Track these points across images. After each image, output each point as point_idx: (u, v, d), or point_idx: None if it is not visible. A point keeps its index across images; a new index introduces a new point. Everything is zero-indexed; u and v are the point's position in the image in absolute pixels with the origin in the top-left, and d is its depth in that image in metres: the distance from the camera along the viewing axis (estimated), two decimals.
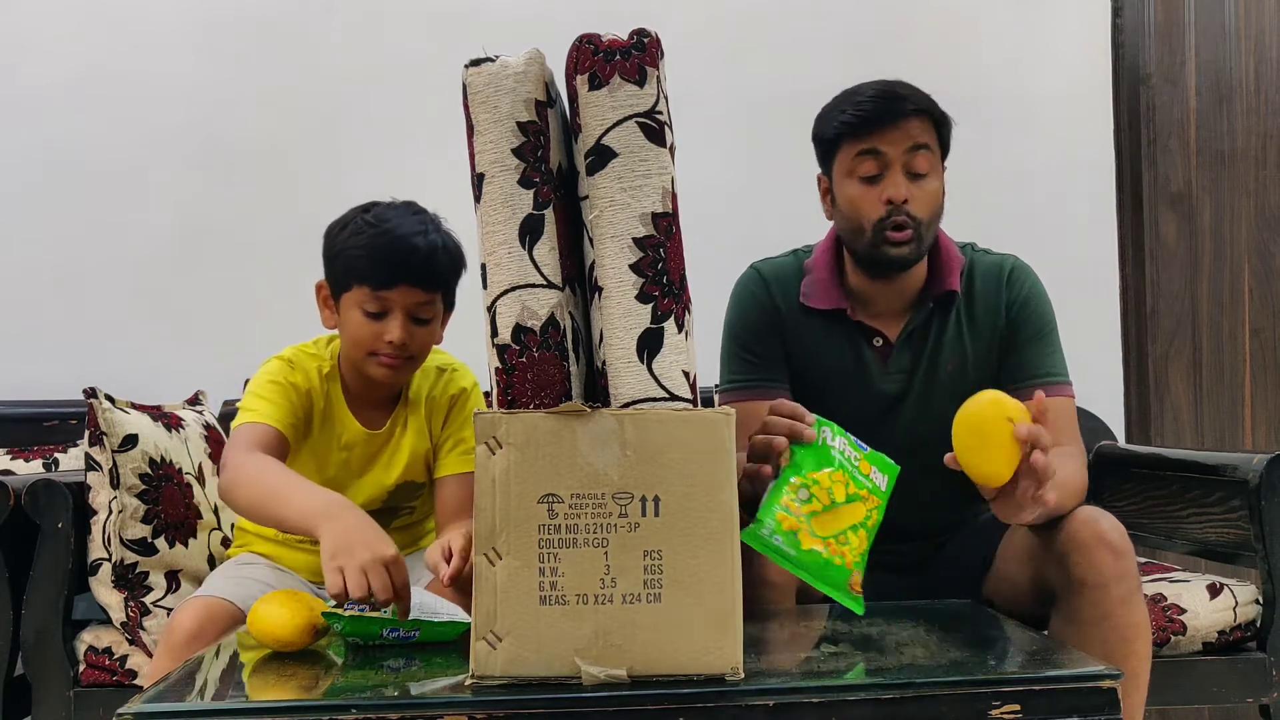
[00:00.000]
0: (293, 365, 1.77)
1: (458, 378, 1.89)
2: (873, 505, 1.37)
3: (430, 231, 1.72)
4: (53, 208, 2.72)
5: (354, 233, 1.71)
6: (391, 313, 1.70)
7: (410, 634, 1.33)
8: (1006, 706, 1.10)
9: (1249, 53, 2.97)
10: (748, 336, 1.83)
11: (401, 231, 1.69)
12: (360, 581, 1.34)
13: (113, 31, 2.74)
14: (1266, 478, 1.92)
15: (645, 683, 1.10)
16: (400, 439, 1.84)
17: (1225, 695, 1.93)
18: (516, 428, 1.12)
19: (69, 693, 1.92)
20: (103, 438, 1.96)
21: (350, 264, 1.70)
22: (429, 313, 1.74)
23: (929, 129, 1.73)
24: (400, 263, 1.68)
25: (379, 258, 1.68)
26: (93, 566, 1.96)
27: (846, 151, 1.74)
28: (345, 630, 1.33)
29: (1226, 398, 2.96)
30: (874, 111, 1.70)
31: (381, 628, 1.32)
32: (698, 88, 2.59)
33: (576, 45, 1.49)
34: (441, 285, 1.75)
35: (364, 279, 1.69)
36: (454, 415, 1.85)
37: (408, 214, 1.73)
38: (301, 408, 1.75)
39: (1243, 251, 2.97)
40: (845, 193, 1.75)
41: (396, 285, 1.69)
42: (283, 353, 1.80)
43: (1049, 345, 1.80)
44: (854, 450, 1.41)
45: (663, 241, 1.45)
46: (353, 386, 1.81)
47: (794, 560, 1.32)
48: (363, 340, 1.72)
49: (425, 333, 1.74)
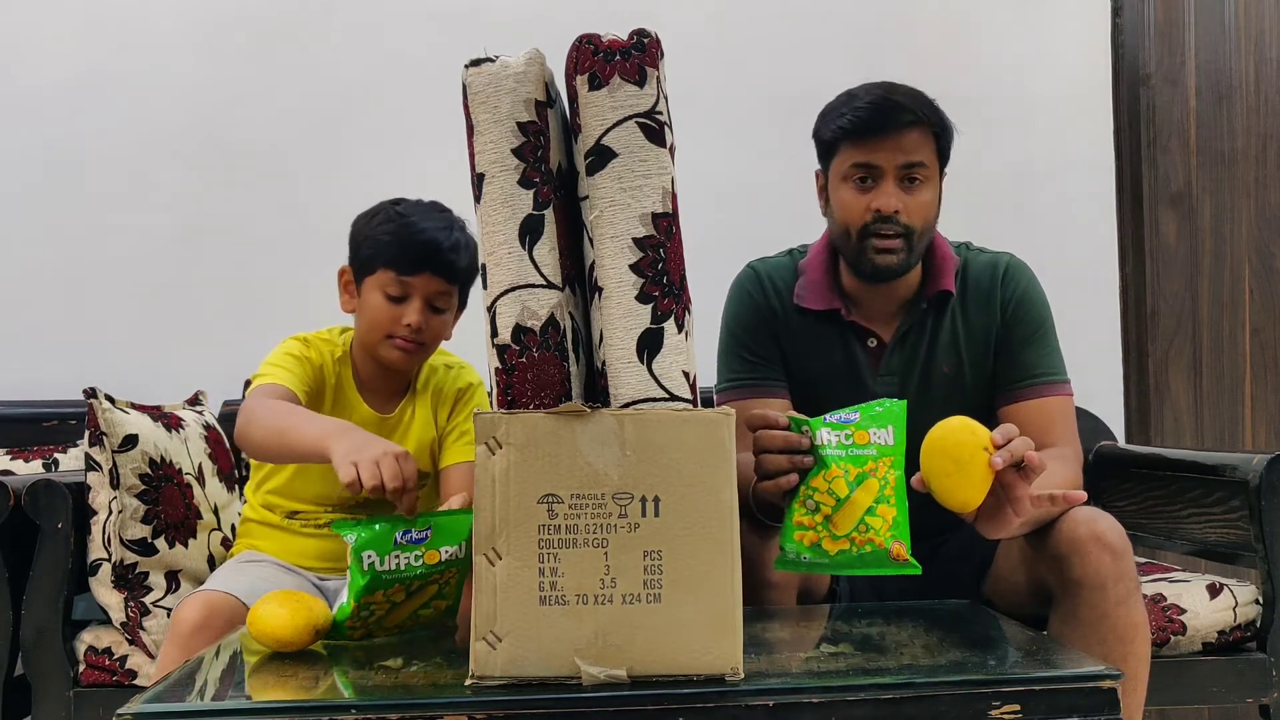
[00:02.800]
0: (308, 343, 1.86)
1: (465, 374, 1.97)
2: (885, 469, 1.34)
3: (455, 229, 1.84)
4: (53, 208, 2.72)
5: (384, 220, 1.82)
6: (411, 298, 1.80)
7: (423, 535, 1.33)
8: (1006, 706, 1.10)
9: (1249, 53, 2.97)
10: (745, 336, 1.83)
11: (431, 224, 1.81)
12: (373, 471, 1.41)
13: (113, 31, 2.74)
14: (1266, 478, 1.92)
15: (645, 683, 1.10)
16: (409, 426, 1.91)
17: (1225, 695, 1.92)
18: (516, 428, 1.12)
19: (69, 693, 1.92)
20: (103, 438, 1.96)
21: (378, 248, 1.81)
22: (445, 303, 1.84)
23: (927, 140, 1.73)
24: (426, 252, 1.79)
25: (406, 244, 1.79)
26: (93, 567, 1.96)
27: (842, 156, 1.74)
28: (357, 543, 1.32)
29: (1226, 398, 2.96)
30: (871, 121, 1.70)
31: (394, 531, 1.33)
32: (698, 88, 2.59)
33: (576, 45, 1.49)
34: (460, 279, 1.85)
35: (390, 263, 1.79)
36: (460, 408, 1.92)
37: (435, 211, 1.85)
38: (315, 381, 1.84)
39: (1243, 251, 2.97)
40: (838, 195, 1.76)
41: (420, 272, 1.79)
42: (298, 335, 1.88)
43: (1045, 345, 1.80)
44: (842, 430, 1.37)
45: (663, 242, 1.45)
46: (363, 373, 1.89)
47: (830, 565, 1.34)
48: (381, 322, 1.80)
49: (439, 322, 1.84)
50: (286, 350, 1.83)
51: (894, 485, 1.35)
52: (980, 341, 1.81)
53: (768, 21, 2.84)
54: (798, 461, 1.37)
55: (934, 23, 2.87)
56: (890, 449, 1.36)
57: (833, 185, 1.77)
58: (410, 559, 1.34)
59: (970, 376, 1.81)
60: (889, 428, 1.37)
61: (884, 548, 1.32)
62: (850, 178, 1.73)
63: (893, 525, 1.33)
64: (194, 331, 2.70)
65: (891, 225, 1.71)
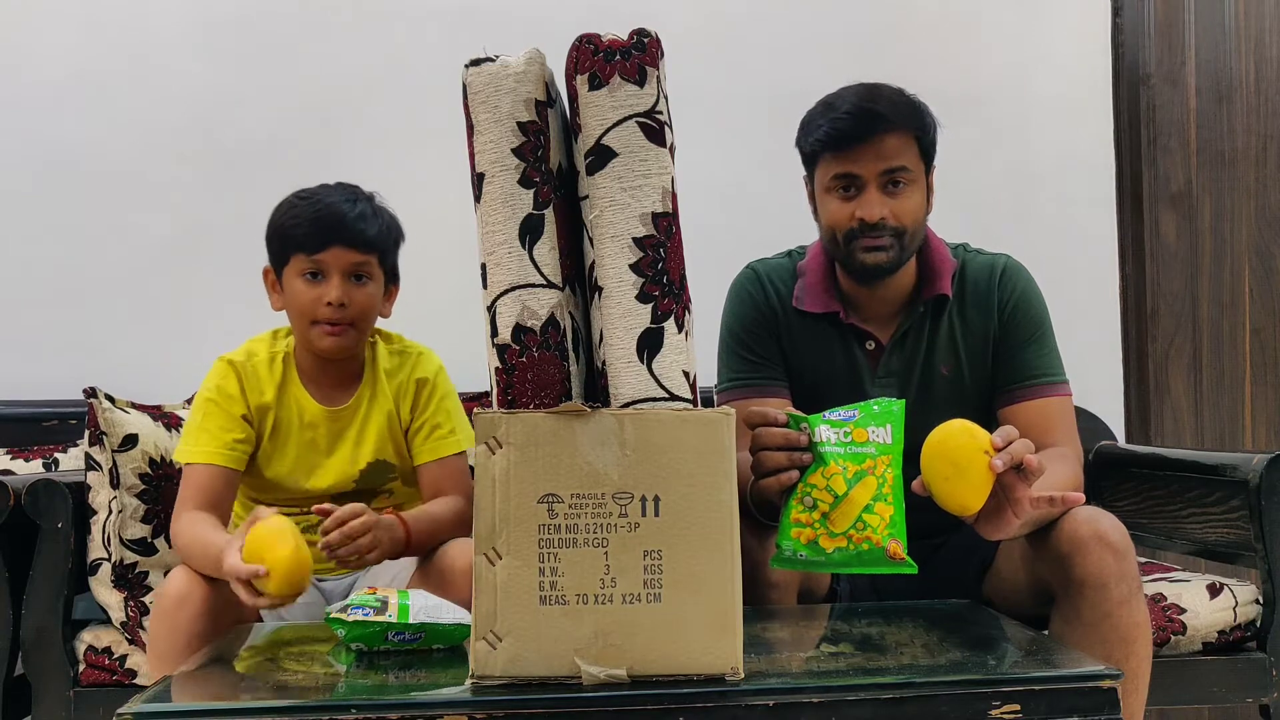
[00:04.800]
0: (232, 365, 1.84)
1: (423, 362, 1.92)
2: (883, 467, 1.35)
3: (360, 201, 1.81)
4: (52, 208, 2.71)
5: (287, 209, 1.82)
6: (328, 275, 1.78)
7: (415, 637, 1.33)
8: (1006, 706, 1.10)
9: (1249, 53, 2.97)
10: (745, 336, 1.83)
11: (331, 200, 1.79)
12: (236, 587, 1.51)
13: (113, 31, 2.73)
14: (1266, 478, 1.92)
15: (645, 683, 1.10)
16: (368, 416, 1.87)
17: (1225, 695, 1.92)
18: (516, 427, 1.12)
19: (69, 693, 1.92)
20: (103, 438, 1.96)
21: (285, 236, 1.80)
22: (366, 274, 1.80)
23: (908, 143, 1.72)
24: (330, 226, 1.77)
25: (310, 222, 1.78)
26: (92, 566, 1.96)
27: (824, 167, 1.74)
28: (348, 636, 1.33)
29: (1226, 398, 2.96)
30: (850, 130, 1.69)
31: (385, 631, 1.32)
32: (698, 87, 2.59)
33: (576, 45, 1.49)
34: (375, 247, 1.81)
35: (299, 246, 1.78)
36: (421, 400, 1.89)
37: (338, 190, 1.83)
38: (244, 410, 1.82)
39: (1243, 251, 2.97)
40: (824, 204, 1.77)
41: (329, 247, 1.77)
42: (233, 352, 1.87)
43: (1044, 345, 1.80)
44: (840, 428, 1.38)
45: (663, 241, 1.45)
46: (308, 367, 1.87)
47: (826, 563, 1.34)
48: (305, 308, 1.79)
49: (363, 295, 1.80)
50: (206, 395, 1.81)
51: (891, 484, 1.35)
52: (979, 343, 1.81)
53: (768, 21, 2.84)
54: (796, 459, 1.37)
55: (934, 23, 2.87)
56: (888, 447, 1.37)
57: (818, 194, 1.78)
58: None
59: (969, 378, 1.81)
60: (887, 426, 1.38)
61: (881, 546, 1.33)
62: (833, 188, 1.73)
63: (890, 524, 1.33)
64: (194, 331, 2.70)
65: (878, 231, 1.71)
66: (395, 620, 1.33)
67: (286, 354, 1.87)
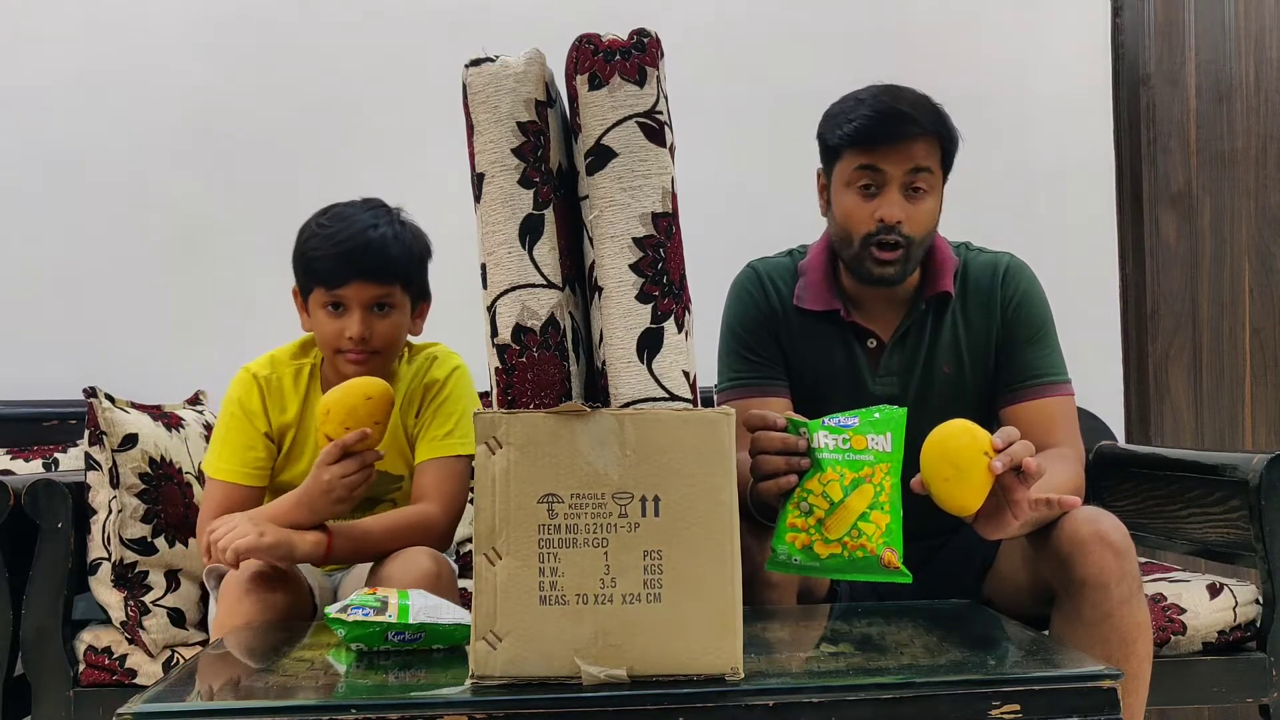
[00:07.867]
0: (256, 378, 1.83)
1: (436, 366, 1.89)
2: (881, 475, 1.34)
3: (381, 225, 1.77)
4: (52, 208, 2.71)
5: (309, 237, 1.79)
6: (349, 309, 1.76)
7: (415, 637, 1.33)
8: (1006, 706, 1.10)
9: (1249, 53, 2.97)
10: (746, 335, 1.83)
11: (351, 230, 1.75)
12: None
13: (113, 31, 2.73)
14: (1266, 478, 1.92)
15: (645, 683, 1.10)
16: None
17: (1225, 695, 1.92)
18: (516, 428, 1.12)
19: (69, 693, 1.92)
20: (103, 437, 1.96)
21: (307, 267, 1.78)
22: (389, 303, 1.78)
23: (934, 150, 1.72)
24: (350, 260, 1.74)
25: (329, 258, 1.75)
26: (92, 566, 1.96)
27: (847, 162, 1.73)
28: (348, 636, 1.33)
29: (1226, 398, 2.96)
30: (878, 130, 1.68)
31: (385, 631, 1.32)
32: (698, 87, 2.59)
33: (576, 45, 1.49)
34: (397, 277, 1.78)
35: (320, 280, 1.77)
36: (427, 403, 1.86)
37: (361, 211, 1.79)
38: (264, 430, 1.82)
39: (1243, 251, 2.97)
40: (841, 201, 1.75)
41: (349, 282, 1.75)
42: (258, 362, 1.86)
43: (1046, 345, 1.80)
44: (840, 434, 1.37)
45: (663, 241, 1.45)
46: (335, 383, 1.81)
47: (820, 569, 1.34)
48: (328, 338, 1.79)
49: (387, 325, 1.78)
50: (230, 412, 1.81)
51: (889, 492, 1.35)
52: (980, 342, 1.81)
53: (768, 21, 2.84)
54: (794, 463, 1.37)
55: (934, 23, 2.87)
56: (887, 455, 1.36)
57: (835, 189, 1.76)
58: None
59: (970, 377, 1.81)
60: (887, 434, 1.37)
61: (875, 554, 1.32)
62: (854, 184, 1.72)
63: (885, 532, 1.33)
64: (194, 332, 2.70)
65: (893, 235, 1.70)
66: (395, 620, 1.32)
67: (314, 366, 1.86)
